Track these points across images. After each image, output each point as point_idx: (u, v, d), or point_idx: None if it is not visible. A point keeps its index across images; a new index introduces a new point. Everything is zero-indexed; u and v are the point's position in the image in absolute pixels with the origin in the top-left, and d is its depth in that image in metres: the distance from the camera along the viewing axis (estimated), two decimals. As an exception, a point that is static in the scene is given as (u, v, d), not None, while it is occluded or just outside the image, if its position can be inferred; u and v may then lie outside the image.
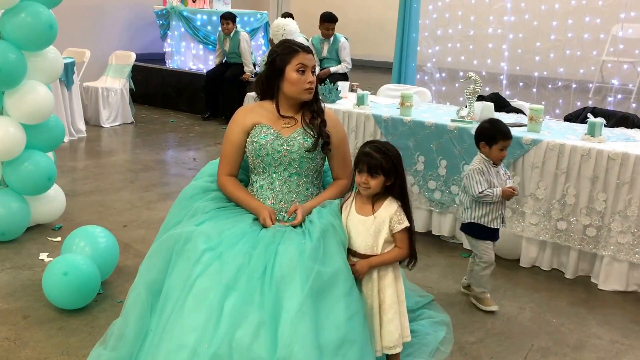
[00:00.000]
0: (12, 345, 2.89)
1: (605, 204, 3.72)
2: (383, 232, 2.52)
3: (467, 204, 3.40)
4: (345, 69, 7.83)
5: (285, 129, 2.75)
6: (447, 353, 2.94)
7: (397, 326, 2.54)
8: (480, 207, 3.35)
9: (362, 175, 2.51)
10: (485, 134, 3.34)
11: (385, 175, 2.50)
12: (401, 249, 2.55)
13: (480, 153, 3.38)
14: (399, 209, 2.53)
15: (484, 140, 3.33)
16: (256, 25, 9.70)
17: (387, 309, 2.53)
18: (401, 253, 2.56)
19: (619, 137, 4.08)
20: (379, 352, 2.53)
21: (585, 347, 3.14)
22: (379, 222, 2.51)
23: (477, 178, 3.29)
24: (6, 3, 3.71)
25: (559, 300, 3.64)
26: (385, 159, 2.50)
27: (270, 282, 2.30)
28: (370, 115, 4.64)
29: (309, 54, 2.75)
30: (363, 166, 2.50)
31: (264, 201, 2.73)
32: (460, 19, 8.13)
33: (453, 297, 3.62)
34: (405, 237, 2.55)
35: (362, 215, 2.54)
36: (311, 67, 2.73)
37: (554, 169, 3.85)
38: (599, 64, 7.92)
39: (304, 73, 2.70)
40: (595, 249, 3.80)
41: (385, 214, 2.51)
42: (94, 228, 3.58)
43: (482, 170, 3.30)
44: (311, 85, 2.72)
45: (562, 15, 7.55)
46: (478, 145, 3.38)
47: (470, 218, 3.39)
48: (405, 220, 2.53)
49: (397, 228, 2.52)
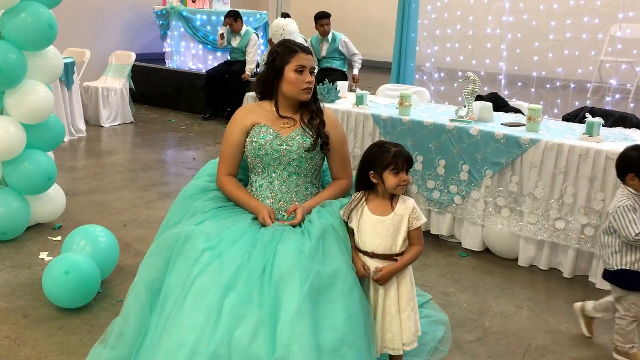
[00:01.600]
0: (12, 344, 2.90)
1: (603, 203, 3.73)
2: (402, 230, 2.51)
3: (615, 247, 2.89)
4: (360, 63, 8.04)
5: (284, 128, 2.76)
6: (446, 352, 2.95)
7: (414, 322, 2.57)
8: (635, 250, 2.86)
9: (401, 175, 2.49)
10: (633, 164, 2.84)
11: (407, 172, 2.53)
12: (418, 247, 2.56)
13: (626, 186, 2.88)
14: (414, 205, 2.54)
15: (632, 172, 2.84)
16: (255, 25, 9.70)
17: (404, 306, 2.54)
18: (419, 250, 2.56)
19: (617, 137, 4.10)
20: (399, 351, 2.54)
21: (583, 346, 3.15)
22: (399, 220, 2.51)
23: (629, 217, 2.79)
24: (6, 3, 3.72)
25: (556, 299, 3.65)
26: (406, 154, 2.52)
27: (269, 282, 2.30)
28: (369, 115, 4.65)
29: (309, 55, 2.76)
30: (403, 165, 2.49)
31: (263, 200, 2.74)
32: (459, 19, 8.13)
33: (451, 296, 3.63)
34: (420, 233, 2.56)
35: (378, 216, 2.52)
36: (309, 68, 2.74)
37: (552, 169, 3.86)
38: (597, 64, 7.92)
39: (302, 73, 2.71)
40: (593, 248, 3.81)
41: (403, 212, 2.52)
42: (94, 227, 3.59)
43: (635, 207, 2.82)
44: (309, 85, 2.73)
45: (560, 16, 7.55)
46: (623, 177, 2.90)
47: (620, 264, 2.87)
48: (422, 216, 2.54)
49: (415, 225, 2.52)
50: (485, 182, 4.11)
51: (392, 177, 2.50)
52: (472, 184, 4.18)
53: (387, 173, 2.50)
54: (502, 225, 4.07)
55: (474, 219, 4.20)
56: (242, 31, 8.62)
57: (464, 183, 4.21)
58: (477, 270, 4.01)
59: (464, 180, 4.21)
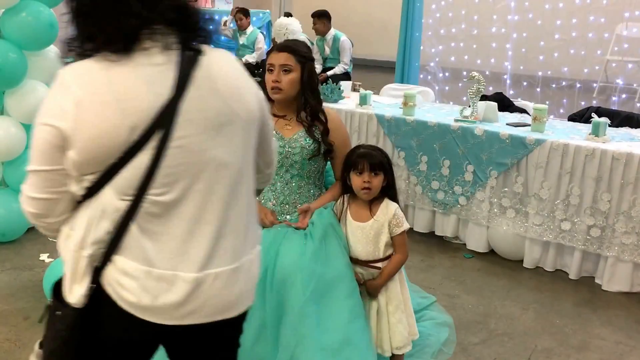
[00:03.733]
0: (13, 347, 2.89)
1: (609, 204, 3.70)
2: (383, 236, 2.47)
3: None
4: (342, 70, 7.73)
5: (286, 130, 2.71)
6: (450, 354, 2.94)
7: (406, 326, 2.53)
8: None
9: (362, 177, 2.45)
10: None
11: (385, 173, 2.47)
12: (401, 255, 2.51)
13: None
14: (397, 211, 2.48)
15: None
16: (258, 25, 9.69)
17: (393, 310, 2.51)
18: (401, 259, 2.51)
19: (623, 137, 4.06)
20: (388, 352, 2.52)
21: (589, 348, 3.12)
22: (379, 226, 2.47)
23: None
24: (7, 2, 3.71)
25: (562, 301, 3.62)
26: (383, 155, 2.49)
27: (272, 284, 2.30)
28: (373, 115, 4.62)
29: (281, 52, 2.63)
30: (363, 166, 2.45)
31: (265, 203, 2.71)
32: (464, 18, 8.11)
33: (456, 298, 3.60)
34: (404, 240, 2.50)
35: (359, 222, 2.50)
36: (279, 66, 2.61)
37: (558, 169, 3.83)
38: (603, 64, 7.89)
39: (272, 72, 2.63)
40: (599, 250, 3.77)
41: (383, 217, 2.47)
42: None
43: None
44: (275, 84, 2.61)
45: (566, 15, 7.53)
46: None
47: None
48: (404, 223, 2.49)
49: (396, 231, 2.47)
50: (490, 182, 4.08)
51: (357, 180, 2.47)
52: (477, 185, 4.14)
53: (352, 174, 2.49)
54: (507, 226, 4.04)
55: (479, 220, 4.17)
56: (248, 30, 8.63)
57: (468, 184, 4.18)
58: (482, 272, 3.98)
59: (469, 181, 4.17)
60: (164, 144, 1.36)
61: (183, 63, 1.41)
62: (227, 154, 1.47)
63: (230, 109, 1.46)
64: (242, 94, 1.51)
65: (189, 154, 1.40)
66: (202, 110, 1.42)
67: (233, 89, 1.49)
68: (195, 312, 1.46)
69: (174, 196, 1.41)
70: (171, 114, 1.37)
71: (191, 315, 1.46)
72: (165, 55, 1.40)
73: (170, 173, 1.39)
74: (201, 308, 1.46)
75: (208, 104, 1.43)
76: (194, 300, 1.45)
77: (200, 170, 1.43)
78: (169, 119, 1.37)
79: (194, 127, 1.40)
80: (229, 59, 1.55)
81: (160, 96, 1.36)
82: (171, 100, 1.37)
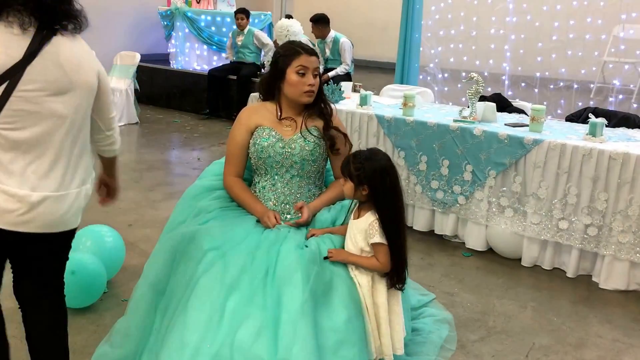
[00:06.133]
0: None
1: (606, 203, 3.74)
2: (359, 240, 2.45)
3: None
4: (344, 70, 7.81)
5: (287, 131, 2.75)
6: (453, 350, 2.98)
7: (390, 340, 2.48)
8: None
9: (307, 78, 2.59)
10: None
11: (354, 182, 2.40)
12: (376, 261, 2.42)
13: None
14: (373, 223, 2.40)
15: None
16: (260, 26, 9.71)
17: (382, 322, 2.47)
18: (375, 264, 2.42)
19: (620, 137, 4.10)
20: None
21: (587, 346, 3.16)
22: (357, 230, 2.46)
23: None
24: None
25: (560, 299, 3.65)
26: (356, 165, 2.39)
27: (272, 283, 2.31)
28: (373, 116, 4.66)
29: (312, 56, 2.68)
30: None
31: (266, 202, 2.74)
32: (463, 19, 8.13)
33: (455, 296, 3.64)
34: (381, 251, 2.41)
35: (352, 219, 2.52)
36: (313, 70, 2.66)
37: (555, 169, 3.87)
38: (600, 65, 7.92)
39: (304, 75, 2.65)
40: (596, 248, 3.82)
41: (362, 224, 2.44)
42: (100, 227, 3.61)
43: None
44: (311, 88, 2.66)
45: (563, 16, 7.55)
46: None
47: None
48: (376, 236, 2.39)
49: (370, 240, 2.41)
50: (489, 182, 4.12)
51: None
52: (475, 184, 4.19)
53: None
54: (505, 225, 4.08)
55: (478, 219, 4.21)
56: (245, 30, 8.64)
57: (467, 183, 4.22)
58: (481, 270, 4.02)
59: (468, 181, 4.22)
60: (9, 92, 1.88)
61: (37, 38, 1.92)
62: (65, 109, 2.00)
63: (69, 79, 1.99)
64: (82, 69, 2.03)
65: (28, 103, 1.92)
66: (43, 75, 1.93)
67: (73, 65, 2.00)
68: (29, 222, 1.98)
69: (18, 135, 1.93)
70: (18, 72, 1.88)
71: (26, 224, 1.98)
72: (23, 29, 1.90)
73: (11, 114, 1.90)
74: (33, 220, 1.98)
75: (49, 71, 1.94)
76: (28, 212, 1.97)
77: (40, 118, 1.95)
78: (15, 75, 1.88)
79: (34, 85, 1.91)
80: (80, 44, 2.08)
81: (13, 58, 1.87)
82: (19, 62, 1.88)
